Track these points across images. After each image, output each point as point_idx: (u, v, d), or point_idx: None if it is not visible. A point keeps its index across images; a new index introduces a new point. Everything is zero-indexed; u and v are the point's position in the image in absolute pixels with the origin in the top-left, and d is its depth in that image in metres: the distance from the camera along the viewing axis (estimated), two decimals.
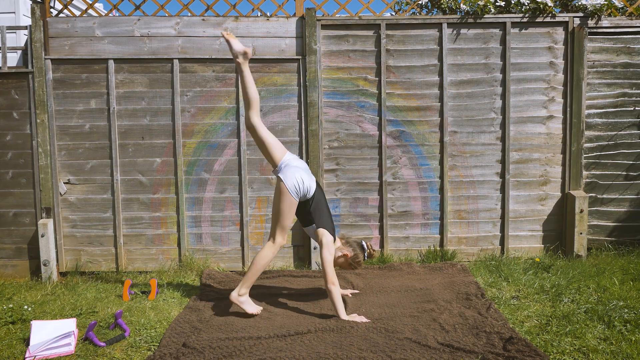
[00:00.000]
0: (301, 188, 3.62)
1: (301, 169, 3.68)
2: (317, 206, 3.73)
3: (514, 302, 3.83)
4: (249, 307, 3.68)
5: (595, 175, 5.08)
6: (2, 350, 3.22)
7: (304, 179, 3.63)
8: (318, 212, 3.73)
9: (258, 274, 3.68)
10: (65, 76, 4.88)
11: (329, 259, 3.62)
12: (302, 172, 3.65)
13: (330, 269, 3.59)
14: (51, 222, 4.81)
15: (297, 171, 3.63)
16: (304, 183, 3.61)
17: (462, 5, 4.94)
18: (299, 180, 3.60)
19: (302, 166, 3.73)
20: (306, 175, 3.67)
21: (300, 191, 3.63)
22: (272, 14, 4.94)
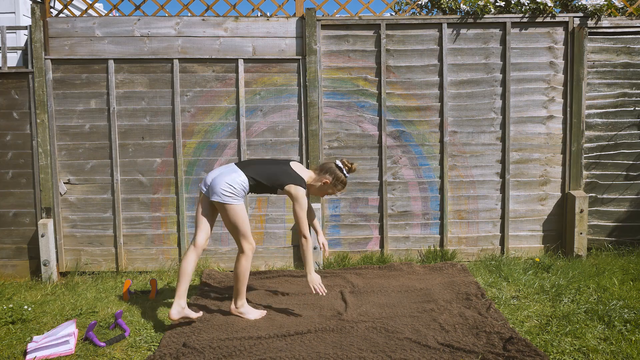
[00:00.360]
0: (237, 191, 3.48)
1: (220, 175, 3.51)
2: (264, 177, 3.57)
3: (514, 302, 3.83)
4: (252, 314, 3.67)
5: (595, 175, 5.08)
6: (2, 350, 3.23)
7: (231, 183, 3.46)
8: (270, 180, 3.57)
9: (245, 283, 3.63)
10: (65, 76, 4.88)
11: (301, 214, 3.54)
12: (224, 178, 3.48)
13: (304, 222, 3.55)
14: (51, 222, 4.81)
15: (221, 182, 3.46)
16: (233, 187, 3.46)
17: (462, 5, 4.94)
18: (230, 188, 3.46)
19: (217, 172, 3.57)
20: (229, 178, 3.49)
21: (238, 194, 3.49)
22: (272, 14, 4.94)
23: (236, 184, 3.48)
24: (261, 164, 3.72)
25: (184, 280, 3.50)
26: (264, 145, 4.98)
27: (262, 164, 3.70)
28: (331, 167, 3.69)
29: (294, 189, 3.55)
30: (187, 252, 3.58)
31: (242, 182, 3.52)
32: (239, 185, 3.49)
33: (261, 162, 3.79)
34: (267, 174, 3.59)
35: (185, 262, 3.55)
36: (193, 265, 3.56)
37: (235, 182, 3.48)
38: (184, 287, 3.49)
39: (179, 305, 3.45)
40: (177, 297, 3.47)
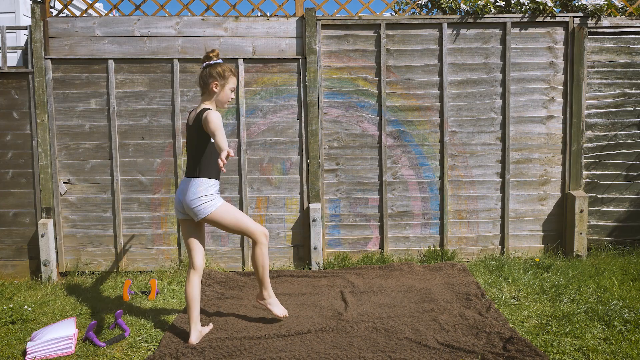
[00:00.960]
0: (206, 194, 3.27)
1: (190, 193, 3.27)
2: (198, 155, 3.30)
3: (514, 302, 3.83)
4: (277, 308, 3.55)
5: (595, 175, 5.08)
6: (2, 350, 3.23)
7: (201, 195, 3.25)
8: (197, 148, 3.31)
9: (267, 271, 3.48)
10: (65, 76, 4.88)
11: (216, 128, 3.08)
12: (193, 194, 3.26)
13: (221, 137, 3.04)
14: (51, 222, 4.81)
15: (192, 198, 3.25)
16: (200, 195, 3.25)
17: (462, 5, 4.94)
18: (199, 201, 3.25)
19: (182, 193, 3.33)
20: (190, 191, 3.27)
21: (211, 194, 3.28)
22: (272, 14, 4.94)
23: (206, 194, 3.27)
24: (191, 151, 3.38)
25: (194, 306, 3.32)
26: (264, 145, 4.98)
27: (191, 150, 3.37)
28: (202, 74, 3.36)
29: (204, 119, 3.18)
30: (190, 277, 3.35)
31: (209, 185, 3.29)
32: (209, 192, 3.28)
33: (189, 149, 3.41)
34: (199, 149, 3.31)
35: (190, 288, 3.33)
36: (199, 288, 3.36)
37: (204, 193, 3.26)
38: (196, 312, 3.33)
39: (196, 330, 3.32)
40: (193, 324, 3.31)
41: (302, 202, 5.01)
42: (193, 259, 3.36)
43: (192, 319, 3.31)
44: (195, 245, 3.39)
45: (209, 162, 3.32)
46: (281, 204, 5.01)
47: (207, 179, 3.30)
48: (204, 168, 3.31)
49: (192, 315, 3.31)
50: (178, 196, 3.36)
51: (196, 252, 3.37)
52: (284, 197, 5.00)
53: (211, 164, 3.33)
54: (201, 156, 3.31)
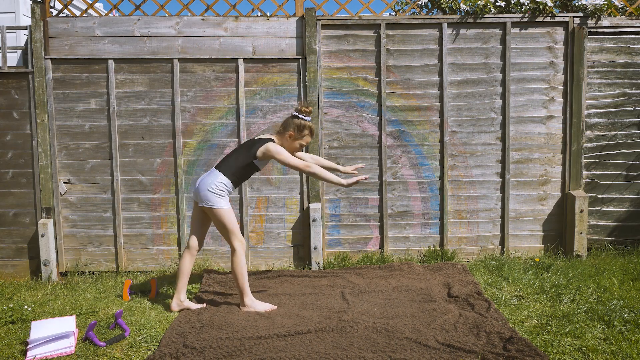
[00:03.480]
0: (221, 191, 3.67)
1: (201, 182, 3.70)
2: (238, 162, 3.72)
3: (514, 302, 3.83)
4: (260, 306, 3.78)
5: (595, 175, 5.09)
6: (2, 350, 3.23)
7: (212, 187, 3.65)
8: (242, 159, 3.71)
9: (246, 279, 3.78)
10: (65, 76, 4.88)
11: (287, 158, 3.64)
12: (205, 184, 3.67)
13: (295, 161, 3.64)
14: (51, 222, 4.81)
15: (202, 188, 3.67)
16: (215, 189, 3.65)
17: (462, 5, 4.94)
18: (213, 192, 3.65)
19: (201, 178, 3.75)
20: (208, 181, 3.67)
21: (223, 194, 3.68)
22: (272, 14, 4.94)
23: (214, 186, 3.65)
24: (231, 153, 3.84)
25: (182, 277, 3.86)
26: None
27: (232, 153, 3.83)
28: (288, 120, 3.80)
29: (264, 148, 3.66)
30: (183, 254, 3.89)
31: (221, 182, 3.68)
32: (218, 187, 3.66)
33: (232, 152, 3.88)
34: (238, 159, 3.74)
35: (182, 262, 3.88)
36: (189, 264, 3.88)
37: (214, 185, 3.66)
38: (182, 283, 3.86)
39: (178, 298, 3.84)
40: (177, 292, 3.86)
41: (302, 202, 5.01)
42: (189, 239, 3.88)
43: (177, 287, 3.86)
44: (195, 228, 3.87)
45: (239, 173, 3.73)
46: (281, 204, 5.01)
47: (225, 177, 3.68)
48: (230, 171, 3.70)
49: (178, 285, 3.85)
50: (199, 179, 3.77)
51: (193, 234, 3.87)
52: (284, 197, 5.00)
53: (239, 175, 3.74)
54: (236, 164, 3.72)
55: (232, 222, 3.71)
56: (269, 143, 3.67)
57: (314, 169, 3.64)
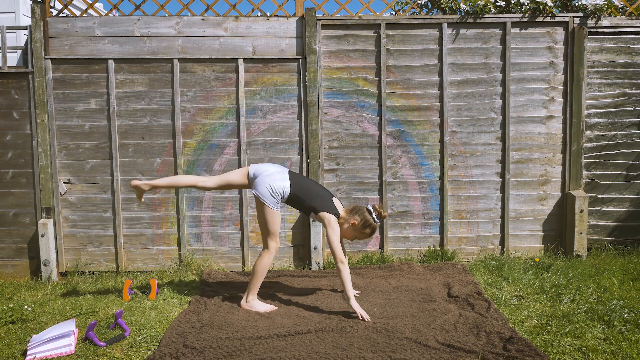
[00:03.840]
0: (276, 194, 3.68)
1: (268, 175, 3.71)
2: (304, 194, 3.73)
3: (514, 302, 3.83)
4: (261, 307, 3.78)
5: (595, 175, 5.09)
6: (2, 350, 3.23)
7: (273, 185, 3.67)
8: (308, 199, 3.73)
9: (261, 280, 3.80)
10: (65, 76, 4.88)
11: (333, 238, 3.62)
12: (269, 179, 3.69)
13: (337, 248, 3.61)
14: (51, 222, 4.81)
15: (265, 181, 3.68)
16: (274, 189, 3.67)
17: (462, 5, 4.94)
18: (270, 190, 3.66)
19: (269, 171, 3.75)
20: (274, 179, 3.69)
21: (276, 198, 3.69)
22: (272, 14, 4.94)
23: (278, 187, 3.67)
24: (309, 182, 3.88)
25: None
26: (264, 145, 4.98)
27: (310, 183, 3.86)
28: (361, 209, 3.77)
29: (327, 216, 3.68)
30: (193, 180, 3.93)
31: (284, 187, 3.69)
32: (277, 192, 3.68)
33: (310, 181, 3.92)
34: (310, 193, 3.75)
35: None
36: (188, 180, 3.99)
37: (278, 186, 3.67)
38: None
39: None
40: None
41: None
42: (209, 179, 3.87)
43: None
44: (224, 178, 3.86)
45: (297, 198, 3.74)
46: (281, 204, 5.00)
47: (288, 190, 3.70)
48: (299, 190, 3.73)
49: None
50: (266, 169, 3.77)
51: (218, 178, 3.86)
52: None
53: (301, 200, 3.74)
54: (307, 192, 3.74)
55: (276, 223, 3.72)
56: (333, 218, 3.67)
57: (344, 269, 3.59)
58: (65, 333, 3.25)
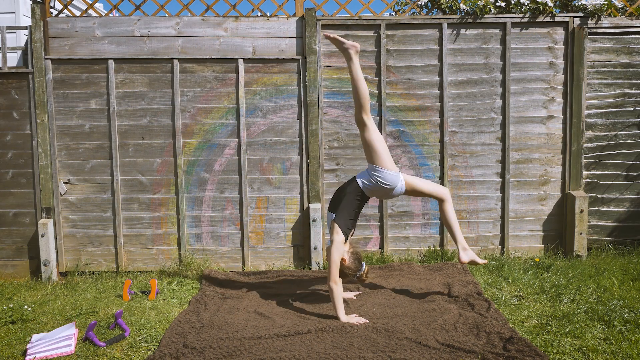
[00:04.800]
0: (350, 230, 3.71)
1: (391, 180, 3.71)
2: (349, 199, 3.71)
3: (514, 302, 3.83)
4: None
5: (595, 175, 5.08)
6: (2, 350, 3.23)
7: (386, 180, 3.67)
8: (346, 204, 3.70)
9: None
10: (65, 76, 4.88)
11: (334, 257, 3.60)
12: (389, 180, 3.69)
13: (334, 267, 3.58)
14: (51, 222, 4.81)
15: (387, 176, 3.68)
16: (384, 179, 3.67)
17: (462, 6, 4.94)
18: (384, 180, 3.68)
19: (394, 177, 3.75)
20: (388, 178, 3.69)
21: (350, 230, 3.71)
22: (272, 14, 4.94)
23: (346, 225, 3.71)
24: (361, 203, 3.80)
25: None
26: (264, 145, 4.98)
27: (359, 203, 3.79)
28: (358, 258, 3.79)
29: (336, 229, 3.66)
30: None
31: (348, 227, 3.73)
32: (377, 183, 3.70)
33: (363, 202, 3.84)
34: (350, 204, 3.72)
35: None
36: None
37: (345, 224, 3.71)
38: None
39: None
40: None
41: (302, 202, 5.01)
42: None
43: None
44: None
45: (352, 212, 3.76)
46: (281, 204, 5.01)
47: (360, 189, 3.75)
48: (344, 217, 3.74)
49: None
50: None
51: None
52: (284, 197, 5.00)
53: (346, 210, 3.73)
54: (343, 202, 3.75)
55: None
56: (339, 228, 3.66)
57: (335, 289, 3.55)
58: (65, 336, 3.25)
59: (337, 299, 3.56)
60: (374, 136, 3.68)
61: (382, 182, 3.66)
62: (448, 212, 3.85)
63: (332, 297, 3.57)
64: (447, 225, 3.88)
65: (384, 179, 3.66)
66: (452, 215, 3.85)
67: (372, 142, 3.67)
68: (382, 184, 3.67)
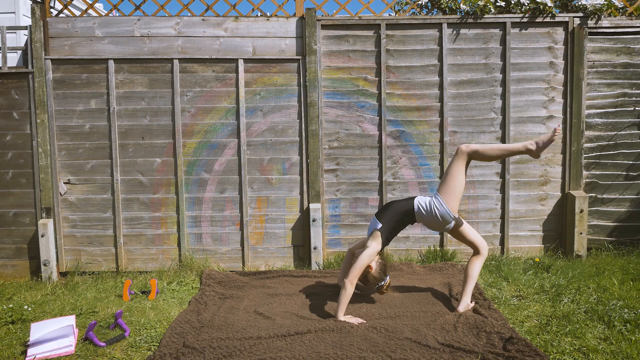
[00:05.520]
0: (431, 210, 3.71)
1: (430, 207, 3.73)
2: (398, 215, 3.74)
3: (514, 302, 3.83)
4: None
5: (595, 175, 5.08)
6: (2, 350, 3.23)
7: (431, 207, 3.70)
8: (394, 218, 3.74)
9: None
10: (65, 76, 4.88)
11: (364, 261, 3.60)
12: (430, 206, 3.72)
13: (359, 269, 3.59)
14: (51, 222, 4.81)
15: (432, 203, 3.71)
16: (431, 208, 3.70)
17: (462, 5, 4.94)
18: (428, 206, 3.71)
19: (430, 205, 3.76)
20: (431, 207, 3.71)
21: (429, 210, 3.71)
22: (272, 14, 4.94)
23: (428, 208, 3.73)
24: (404, 220, 3.83)
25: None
26: (264, 145, 4.98)
27: (402, 219, 3.81)
28: (383, 268, 3.87)
29: (378, 237, 3.69)
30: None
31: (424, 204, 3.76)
32: (429, 209, 3.72)
33: (404, 221, 3.86)
34: (394, 216, 3.76)
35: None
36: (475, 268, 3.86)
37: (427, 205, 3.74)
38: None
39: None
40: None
41: (302, 202, 5.01)
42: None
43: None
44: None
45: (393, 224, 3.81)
46: (281, 204, 5.01)
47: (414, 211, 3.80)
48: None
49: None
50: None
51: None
52: (284, 197, 5.00)
53: (391, 222, 3.77)
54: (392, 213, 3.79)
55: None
56: (379, 235, 3.69)
57: (350, 289, 3.54)
58: (65, 333, 3.24)
59: (345, 300, 3.54)
60: (461, 174, 3.67)
61: (436, 214, 3.67)
62: (476, 266, 3.77)
63: (341, 295, 3.55)
64: (467, 276, 3.76)
65: (439, 212, 3.67)
66: (477, 271, 3.77)
67: (455, 176, 3.67)
68: (436, 216, 3.68)
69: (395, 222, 3.74)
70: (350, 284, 3.54)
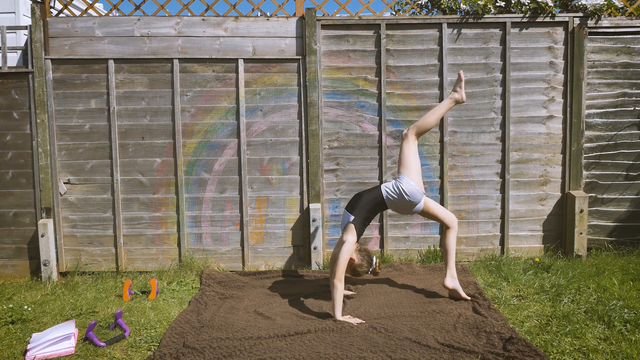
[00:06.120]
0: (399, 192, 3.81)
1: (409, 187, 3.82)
2: (368, 204, 3.81)
3: (514, 302, 3.83)
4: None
5: (595, 175, 5.08)
6: (2, 350, 3.23)
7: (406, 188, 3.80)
8: (364, 208, 3.80)
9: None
10: (65, 76, 4.88)
11: (344, 256, 3.65)
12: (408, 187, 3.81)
13: (342, 266, 3.63)
14: (51, 222, 4.81)
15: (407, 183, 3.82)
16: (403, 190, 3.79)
17: (462, 5, 4.94)
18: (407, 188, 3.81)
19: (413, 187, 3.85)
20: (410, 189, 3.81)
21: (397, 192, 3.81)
22: (272, 14, 4.94)
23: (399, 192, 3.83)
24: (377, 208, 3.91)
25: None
26: (264, 145, 4.98)
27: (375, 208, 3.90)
28: (367, 254, 3.95)
29: (352, 229, 3.75)
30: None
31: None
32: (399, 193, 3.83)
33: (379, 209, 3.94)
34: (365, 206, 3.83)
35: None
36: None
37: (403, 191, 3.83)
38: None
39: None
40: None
41: (302, 202, 5.01)
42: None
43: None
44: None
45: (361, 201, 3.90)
46: (281, 204, 5.01)
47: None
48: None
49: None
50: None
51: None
52: (284, 197, 5.00)
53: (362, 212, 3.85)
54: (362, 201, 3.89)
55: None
56: (353, 229, 3.75)
57: (339, 287, 3.58)
58: (65, 335, 3.25)
59: (338, 298, 3.57)
60: (413, 152, 3.85)
61: (405, 193, 3.76)
62: (450, 238, 3.97)
63: (333, 294, 3.58)
64: (445, 249, 3.96)
65: (407, 190, 3.75)
66: (452, 243, 3.96)
67: (407, 154, 3.85)
68: (404, 195, 3.76)
69: (367, 212, 3.83)
70: (339, 282, 3.58)
